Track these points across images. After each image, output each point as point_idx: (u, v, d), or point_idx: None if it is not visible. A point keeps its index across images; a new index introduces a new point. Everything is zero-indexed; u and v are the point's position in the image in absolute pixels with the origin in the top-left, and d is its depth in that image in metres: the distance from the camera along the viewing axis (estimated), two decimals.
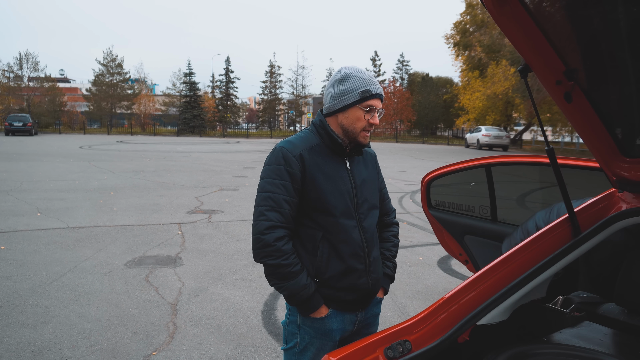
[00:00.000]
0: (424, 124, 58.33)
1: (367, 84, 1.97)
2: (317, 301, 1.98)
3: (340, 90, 2.00)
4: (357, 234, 2.02)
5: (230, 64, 65.36)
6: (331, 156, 2.03)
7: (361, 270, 2.03)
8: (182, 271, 5.70)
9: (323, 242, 1.99)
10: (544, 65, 1.50)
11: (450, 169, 3.44)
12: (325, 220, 1.98)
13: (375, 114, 1.99)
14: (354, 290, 2.03)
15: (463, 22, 45.68)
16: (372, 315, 2.20)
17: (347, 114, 1.99)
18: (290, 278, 1.92)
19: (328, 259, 1.98)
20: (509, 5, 1.37)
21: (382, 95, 2.01)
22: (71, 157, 21.09)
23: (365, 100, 1.96)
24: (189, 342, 3.92)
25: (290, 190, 1.94)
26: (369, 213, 2.10)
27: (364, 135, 2.01)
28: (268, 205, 1.94)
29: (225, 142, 41.85)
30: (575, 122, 1.65)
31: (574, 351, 1.46)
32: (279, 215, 1.93)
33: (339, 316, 2.06)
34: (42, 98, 55.14)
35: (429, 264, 6.26)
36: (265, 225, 1.91)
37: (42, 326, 4.11)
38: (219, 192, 11.95)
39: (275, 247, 1.90)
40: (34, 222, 8.02)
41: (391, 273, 2.25)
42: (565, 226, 1.72)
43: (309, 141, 2.03)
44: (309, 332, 2.05)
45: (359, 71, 2.01)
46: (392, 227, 2.33)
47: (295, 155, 1.95)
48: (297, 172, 1.95)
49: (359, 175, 2.09)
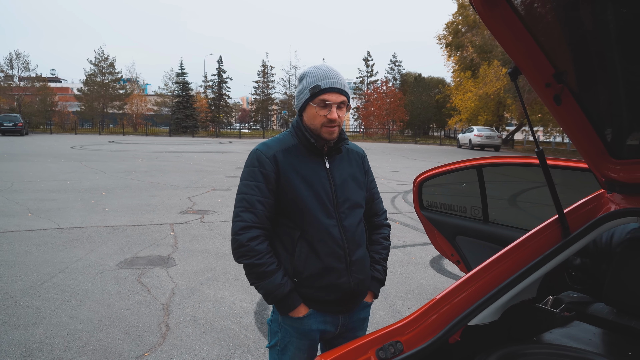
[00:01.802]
0: (417, 124, 58.51)
1: (319, 79, 1.95)
2: (294, 301, 1.99)
3: (298, 89, 2.04)
4: (337, 233, 2.00)
5: (223, 64, 65.38)
6: (308, 156, 2.03)
7: (341, 269, 2.01)
8: (175, 272, 5.69)
9: (301, 241, 1.99)
10: (533, 68, 1.52)
11: (442, 170, 3.46)
12: (302, 220, 1.98)
13: (334, 109, 1.95)
14: (333, 289, 2.01)
15: (455, 23, 45.81)
16: (358, 319, 2.17)
17: (306, 112, 2.00)
18: (265, 277, 1.94)
19: (306, 258, 1.98)
20: (499, 8, 1.38)
21: (338, 88, 1.96)
22: (62, 157, 20.97)
23: (316, 96, 1.94)
24: (181, 342, 3.92)
25: (264, 191, 1.97)
26: (351, 212, 2.07)
27: (327, 131, 1.97)
28: (242, 206, 1.98)
29: (218, 142, 41.76)
30: (565, 124, 1.67)
31: (564, 351, 1.47)
32: (253, 215, 1.96)
33: (319, 317, 2.05)
34: (33, 98, 54.79)
35: (421, 264, 6.28)
36: (240, 225, 1.96)
37: (33, 327, 4.09)
38: (211, 192, 11.93)
39: (249, 247, 1.93)
40: (24, 223, 7.97)
41: (381, 277, 2.21)
42: (555, 227, 1.74)
43: (285, 142, 2.05)
44: (289, 331, 2.06)
45: (316, 68, 2.00)
46: (382, 229, 2.30)
47: (269, 157, 1.98)
48: (270, 173, 1.97)
49: (339, 174, 2.07)
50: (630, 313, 1.71)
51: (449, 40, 46.60)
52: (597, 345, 1.57)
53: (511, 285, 1.55)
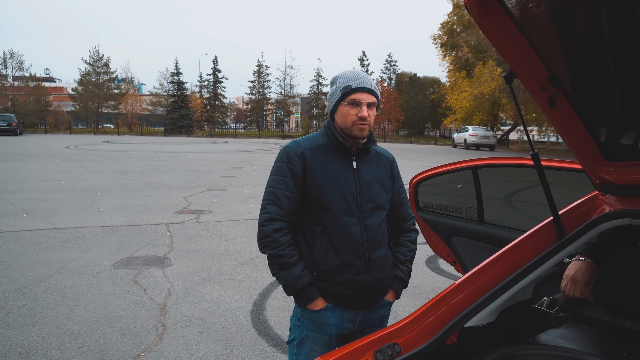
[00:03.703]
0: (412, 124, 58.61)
1: (350, 80, 2.05)
2: (313, 293, 2.06)
3: (330, 92, 2.14)
4: (358, 231, 2.07)
5: (218, 64, 65.20)
6: (336, 155, 2.11)
7: (359, 266, 2.06)
8: (171, 272, 5.69)
9: (321, 236, 2.06)
10: (528, 71, 1.53)
11: (438, 171, 3.47)
12: (324, 216, 2.06)
13: (364, 107, 2.03)
14: (350, 286, 2.07)
15: (450, 23, 45.90)
16: (377, 316, 2.22)
17: (338, 112, 2.09)
18: (286, 268, 2.02)
19: (325, 253, 2.05)
20: (493, 13, 1.39)
21: (368, 88, 2.05)
22: (57, 157, 20.89)
23: (347, 96, 2.04)
24: (177, 342, 3.92)
25: (290, 186, 2.07)
26: (374, 213, 2.13)
27: (358, 128, 2.05)
28: (269, 199, 2.08)
29: (213, 142, 41.70)
30: (559, 126, 1.69)
31: (559, 352, 1.49)
32: (278, 208, 2.05)
33: (337, 312, 2.11)
34: (27, 97, 54.49)
35: (417, 263, 6.30)
36: (265, 217, 2.06)
37: (28, 328, 4.09)
38: (207, 192, 11.92)
39: (273, 238, 2.02)
40: (19, 223, 7.95)
41: (404, 277, 2.25)
42: (550, 228, 1.75)
43: (315, 141, 2.15)
44: (306, 325, 2.13)
45: (347, 71, 2.11)
46: (409, 232, 2.35)
47: (297, 154, 2.08)
48: (297, 169, 2.07)
49: (366, 175, 2.14)
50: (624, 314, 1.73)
51: (444, 40, 46.70)
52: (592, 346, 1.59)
53: (507, 287, 1.56)
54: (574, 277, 1.94)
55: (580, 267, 1.95)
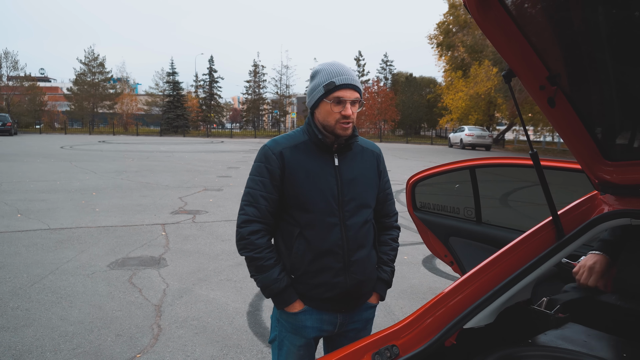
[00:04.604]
0: (408, 124, 58.63)
1: (332, 75, 1.94)
2: (290, 296, 2.01)
3: (311, 86, 2.04)
4: (338, 232, 2.00)
5: (214, 64, 65.14)
6: (317, 153, 2.03)
7: (337, 268, 2.01)
8: (166, 272, 5.66)
9: (299, 238, 2.01)
10: (527, 70, 1.52)
11: (435, 171, 3.46)
12: (303, 217, 2.00)
13: (348, 105, 1.94)
14: (329, 288, 2.02)
15: (446, 23, 45.96)
16: (360, 319, 2.17)
17: (320, 109, 1.99)
18: (263, 271, 1.98)
19: (303, 255, 2.00)
20: (493, 12, 1.38)
21: (352, 84, 1.95)
22: (52, 157, 20.81)
23: (330, 93, 1.93)
24: (173, 343, 3.90)
25: (268, 187, 2.01)
26: (357, 212, 2.05)
27: (341, 127, 1.96)
28: (247, 200, 2.03)
29: (209, 142, 41.63)
30: (559, 126, 1.67)
31: (559, 353, 1.48)
32: (255, 210, 2.00)
33: (315, 314, 2.06)
34: (22, 97, 54.22)
35: (414, 263, 6.30)
36: (242, 219, 2.02)
37: (23, 329, 4.05)
38: (203, 192, 11.89)
39: (249, 241, 1.98)
40: (14, 224, 7.90)
41: (387, 278, 2.20)
42: (549, 229, 1.74)
43: (295, 139, 2.06)
44: (285, 326, 2.10)
45: (329, 65, 2.00)
46: (391, 230, 2.29)
47: (276, 153, 2.00)
48: (276, 169, 2.00)
49: (348, 172, 2.05)
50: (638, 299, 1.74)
51: (440, 40, 46.76)
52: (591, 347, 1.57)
53: (506, 287, 1.55)
54: (592, 266, 1.95)
55: (598, 259, 1.96)
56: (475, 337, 1.57)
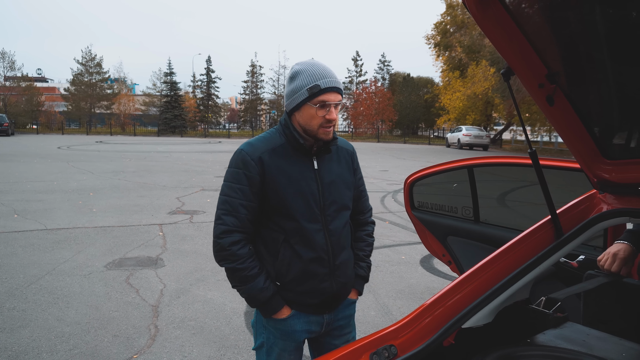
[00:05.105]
0: (406, 124, 58.71)
1: (316, 78, 1.85)
2: (277, 303, 1.97)
3: (292, 88, 1.92)
4: (322, 238, 1.97)
5: (212, 64, 65.21)
6: (296, 157, 1.95)
7: (323, 274, 1.98)
8: (164, 272, 5.65)
9: (284, 245, 1.95)
10: (526, 68, 1.51)
11: (432, 171, 3.45)
12: (287, 224, 1.94)
13: (332, 108, 1.88)
14: (315, 294, 2.00)
15: (443, 23, 45.99)
16: (344, 316, 2.16)
17: (302, 112, 1.90)
18: (247, 282, 1.91)
19: (289, 262, 1.95)
20: (492, 9, 1.37)
21: (336, 87, 1.88)
22: (49, 157, 20.76)
23: (315, 97, 1.85)
24: (170, 344, 3.88)
25: (247, 195, 1.91)
26: (337, 215, 2.02)
27: (324, 132, 1.90)
28: (225, 209, 1.91)
29: (207, 142, 41.59)
30: (557, 124, 1.67)
31: (557, 352, 1.47)
32: (235, 219, 1.90)
33: (303, 317, 2.04)
34: (19, 98, 54.10)
35: (411, 263, 6.29)
36: (221, 229, 1.90)
37: (19, 330, 4.03)
38: (200, 192, 11.87)
39: (230, 252, 1.89)
40: (10, 224, 7.87)
41: (365, 274, 2.20)
42: (547, 228, 1.74)
43: (272, 142, 1.96)
44: (273, 333, 2.05)
45: (310, 65, 1.91)
46: (367, 226, 2.27)
47: (254, 159, 1.90)
48: (255, 175, 1.89)
49: (327, 175, 2.00)
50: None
51: (438, 40, 46.79)
52: (590, 346, 1.57)
53: (505, 287, 1.54)
54: (616, 253, 1.99)
55: (623, 247, 2.00)
56: (474, 337, 1.56)
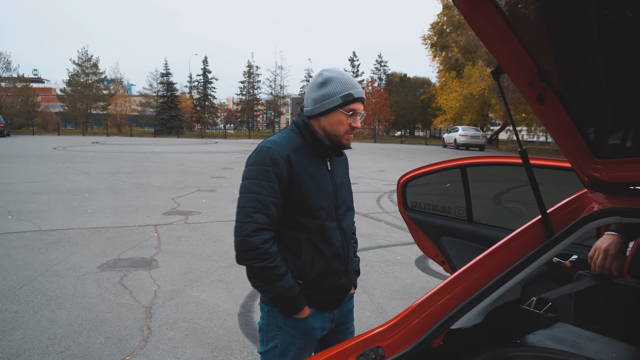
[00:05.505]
0: (402, 124, 58.83)
1: (349, 87, 1.97)
2: (302, 302, 2.00)
3: (323, 93, 1.98)
4: (338, 236, 2.06)
5: (208, 64, 65.01)
6: (314, 157, 2.02)
7: (341, 271, 2.08)
8: (158, 273, 5.62)
9: (307, 244, 1.99)
10: (516, 66, 1.50)
11: (425, 170, 3.44)
12: (310, 222, 1.98)
13: (357, 117, 2.02)
14: (334, 291, 2.09)
15: (440, 23, 46.06)
16: (347, 311, 2.25)
17: (330, 117, 1.98)
18: (277, 280, 1.90)
19: (312, 260, 2.00)
20: (482, 7, 1.36)
21: (364, 98, 2.03)
22: (45, 158, 20.69)
23: (347, 105, 1.96)
24: (163, 346, 3.86)
25: (277, 193, 1.92)
26: (347, 214, 2.13)
27: (348, 138, 2.02)
28: (255, 207, 1.89)
29: (203, 142, 41.53)
30: (548, 123, 1.65)
31: (548, 353, 1.46)
32: (266, 217, 1.89)
33: (319, 315, 2.09)
34: (15, 98, 53.97)
35: (406, 263, 6.28)
36: (252, 227, 1.87)
37: (11, 332, 4.00)
38: (196, 193, 11.84)
39: (263, 250, 1.87)
40: (4, 225, 7.83)
41: (358, 268, 2.33)
42: (538, 227, 1.72)
43: (294, 142, 2.00)
44: (291, 333, 2.05)
45: (340, 74, 2.01)
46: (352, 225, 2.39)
47: (283, 157, 1.92)
48: (284, 174, 1.92)
49: (338, 176, 2.11)
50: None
51: (434, 40, 46.85)
52: (580, 347, 1.55)
53: (494, 287, 1.52)
54: (607, 249, 1.92)
55: (613, 240, 1.93)
56: (463, 338, 1.55)
